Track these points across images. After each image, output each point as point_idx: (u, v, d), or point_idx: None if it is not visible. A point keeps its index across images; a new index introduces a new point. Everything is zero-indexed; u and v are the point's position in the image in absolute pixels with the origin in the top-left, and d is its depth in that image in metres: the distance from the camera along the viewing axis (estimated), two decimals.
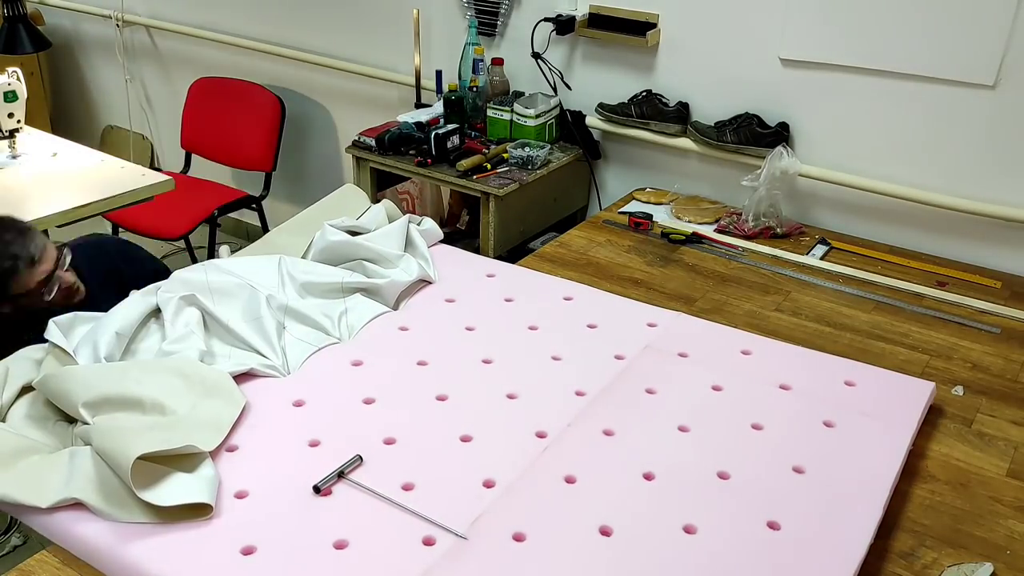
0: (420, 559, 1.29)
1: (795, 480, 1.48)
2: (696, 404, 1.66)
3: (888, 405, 1.67)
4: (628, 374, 1.75)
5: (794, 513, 1.40)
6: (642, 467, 1.49)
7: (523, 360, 1.79)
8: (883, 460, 1.53)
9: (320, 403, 1.64)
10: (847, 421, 1.63)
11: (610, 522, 1.37)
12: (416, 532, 1.34)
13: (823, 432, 1.60)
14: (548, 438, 1.56)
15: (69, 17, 4.33)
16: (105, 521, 1.34)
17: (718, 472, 1.49)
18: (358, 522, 1.36)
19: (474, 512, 1.38)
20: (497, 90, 2.91)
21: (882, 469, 1.51)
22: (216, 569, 1.27)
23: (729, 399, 1.69)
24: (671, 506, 1.42)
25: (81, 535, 1.34)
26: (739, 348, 1.85)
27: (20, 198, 2.59)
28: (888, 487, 1.47)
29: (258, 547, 1.31)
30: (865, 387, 1.73)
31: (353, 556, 1.30)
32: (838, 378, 1.75)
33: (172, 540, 1.32)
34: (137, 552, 1.30)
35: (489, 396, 1.67)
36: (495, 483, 1.45)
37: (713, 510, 1.41)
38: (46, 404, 1.57)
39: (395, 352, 1.81)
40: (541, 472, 1.48)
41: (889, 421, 1.63)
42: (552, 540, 1.34)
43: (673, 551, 1.33)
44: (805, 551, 1.33)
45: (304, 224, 2.15)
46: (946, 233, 2.42)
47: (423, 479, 1.45)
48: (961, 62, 2.24)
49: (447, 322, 1.92)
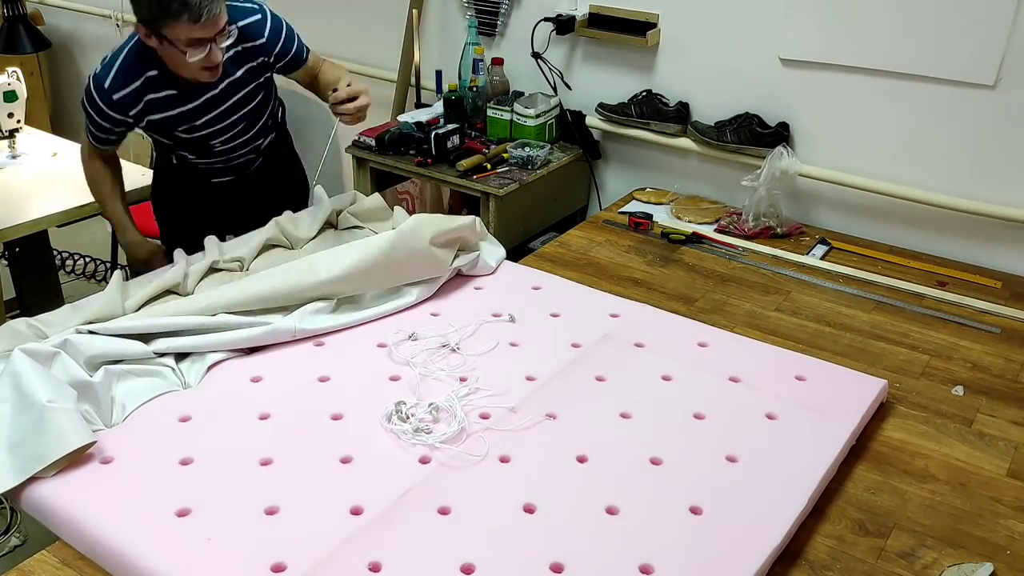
0: (346, 527, 1.35)
1: (726, 468, 1.52)
2: (643, 392, 1.70)
3: (835, 400, 1.69)
4: (581, 361, 1.79)
5: (719, 500, 1.44)
6: (578, 450, 1.54)
7: (480, 346, 1.84)
8: (818, 453, 1.55)
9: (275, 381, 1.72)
10: (790, 414, 1.65)
11: (535, 500, 1.42)
12: (345, 502, 1.40)
13: (764, 424, 1.63)
14: (490, 419, 1.60)
15: (69, 17, 4.33)
16: None
17: (651, 458, 1.53)
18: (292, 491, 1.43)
19: (404, 485, 1.43)
20: (497, 90, 2.91)
21: (815, 462, 1.53)
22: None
23: (676, 389, 1.72)
24: (598, 487, 1.46)
25: None
26: (696, 340, 1.88)
27: (20, 198, 2.58)
28: (817, 480, 1.49)
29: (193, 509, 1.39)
30: (815, 382, 1.75)
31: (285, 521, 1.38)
32: (790, 372, 1.78)
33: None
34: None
35: (440, 379, 1.72)
36: (430, 459, 1.50)
37: (639, 493, 1.45)
38: None
39: (356, 338, 1.86)
40: (477, 450, 1.53)
41: (832, 415, 1.64)
42: (476, 515, 1.39)
43: (592, 529, 1.38)
44: (723, 537, 1.37)
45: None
46: (946, 233, 2.42)
47: (359, 455, 1.52)
48: (961, 62, 2.24)
49: (412, 307, 1.99)
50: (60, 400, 1.47)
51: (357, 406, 1.63)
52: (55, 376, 1.56)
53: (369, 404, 1.63)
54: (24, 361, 1.54)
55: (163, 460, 1.49)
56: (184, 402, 1.64)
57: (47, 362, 1.59)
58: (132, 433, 1.56)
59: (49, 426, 1.44)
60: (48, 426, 1.44)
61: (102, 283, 3.59)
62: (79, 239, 3.75)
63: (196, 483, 1.45)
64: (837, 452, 1.56)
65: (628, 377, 1.75)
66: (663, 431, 1.60)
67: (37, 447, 1.43)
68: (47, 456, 1.42)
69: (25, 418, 1.47)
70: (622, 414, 1.64)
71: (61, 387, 1.52)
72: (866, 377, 1.78)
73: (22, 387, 1.50)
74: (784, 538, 1.38)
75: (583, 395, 1.69)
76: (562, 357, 1.81)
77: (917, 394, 1.81)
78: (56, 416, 1.45)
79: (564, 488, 1.46)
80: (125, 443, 1.52)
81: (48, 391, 1.48)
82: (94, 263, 3.72)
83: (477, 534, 1.36)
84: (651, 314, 1.99)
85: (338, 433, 1.57)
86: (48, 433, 1.43)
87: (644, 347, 1.85)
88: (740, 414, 1.65)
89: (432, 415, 1.60)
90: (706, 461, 1.53)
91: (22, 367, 1.53)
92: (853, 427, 1.62)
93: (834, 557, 1.39)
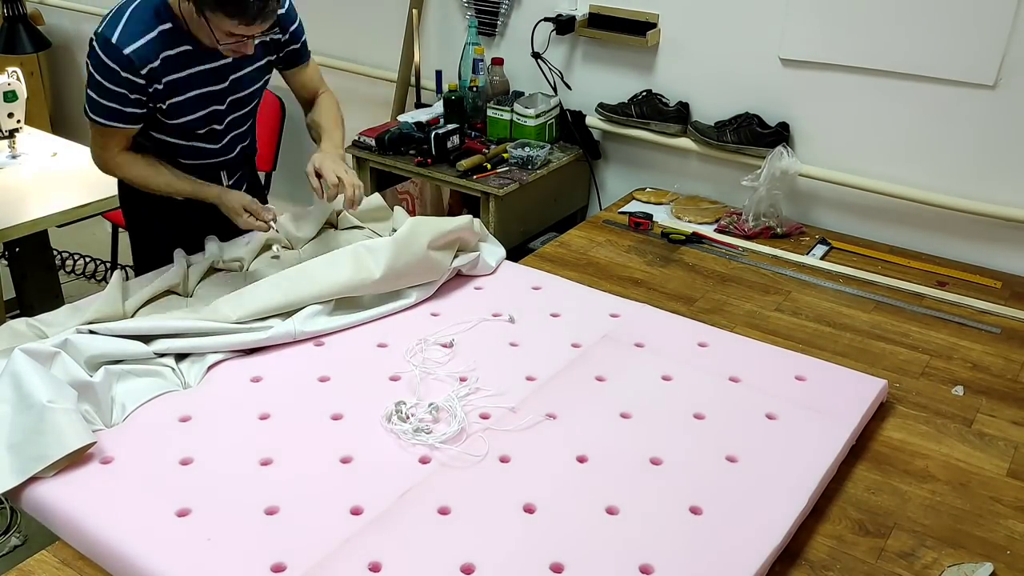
0: (346, 527, 1.35)
1: (726, 468, 1.52)
2: (643, 392, 1.70)
3: (835, 400, 1.69)
4: (581, 361, 1.79)
5: (719, 500, 1.44)
6: (577, 450, 1.54)
7: (480, 345, 1.84)
8: (818, 453, 1.55)
9: (276, 380, 1.72)
10: (790, 414, 1.65)
11: (535, 500, 1.42)
12: (345, 502, 1.41)
13: (764, 424, 1.63)
14: (491, 419, 1.60)
15: (69, 17, 4.33)
16: None
17: (651, 458, 1.53)
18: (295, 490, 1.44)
19: (404, 485, 1.44)
20: (497, 90, 2.91)
21: (815, 462, 1.53)
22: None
23: (676, 389, 1.72)
24: (598, 487, 1.46)
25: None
26: (696, 340, 1.88)
27: (20, 198, 2.58)
28: (817, 480, 1.49)
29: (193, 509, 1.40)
30: (815, 382, 1.75)
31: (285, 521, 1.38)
32: (790, 372, 1.78)
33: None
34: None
35: (440, 379, 1.72)
36: (430, 459, 1.50)
37: (638, 493, 1.45)
38: None
39: (356, 338, 1.87)
40: (477, 450, 1.53)
41: (833, 416, 1.65)
42: (476, 515, 1.39)
43: (592, 529, 1.38)
44: (723, 536, 1.37)
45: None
46: (946, 233, 2.42)
47: (359, 455, 1.52)
48: (961, 62, 2.24)
49: (412, 307, 1.99)
50: (60, 400, 1.47)
51: (357, 406, 1.63)
52: (55, 376, 1.56)
53: (369, 404, 1.63)
54: (24, 361, 1.54)
55: (163, 460, 1.49)
56: (184, 402, 1.64)
57: (47, 362, 1.59)
58: (132, 433, 1.55)
59: (49, 426, 1.44)
60: (48, 426, 1.44)
61: (102, 283, 3.60)
62: (79, 239, 3.76)
63: (196, 483, 1.44)
64: (837, 452, 1.56)
65: (628, 377, 1.75)
66: (663, 431, 1.60)
67: (37, 447, 1.43)
68: (47, 456, 1.42)
69: (25, 418, 1.47)
70: (622, 414, 1.64)
71: (61, 387, 1.52)
72: (866, 377, 1.78)
73: (22, 387, 1.50)
74: (784, 538, 1.38)
75: (583, 395, 1.69)
76: (562, 357, 1.81)
77: (917, 394, 1.81)
78: (56, 416, 1.45)
79: (564, 488, 1.46)
80: (125, 443, 1.52)
81: (48, 391, 1.48)
82: (94, 263, 3.72)
83: (477, 534, 1.36)
84: (651, 314, 1.99)
85: (338, 433, 1.57)
86: (48, 433, 1.43)
87: (644, 347, 1.85)
88: (740, 414, 1.65)
89: (432, 415, 1.60)
90: (706, 461, 1.53)
91: (22, 367, 1.53)
92: (853, 427, 1.62)
93: (834, 557, 1.39)
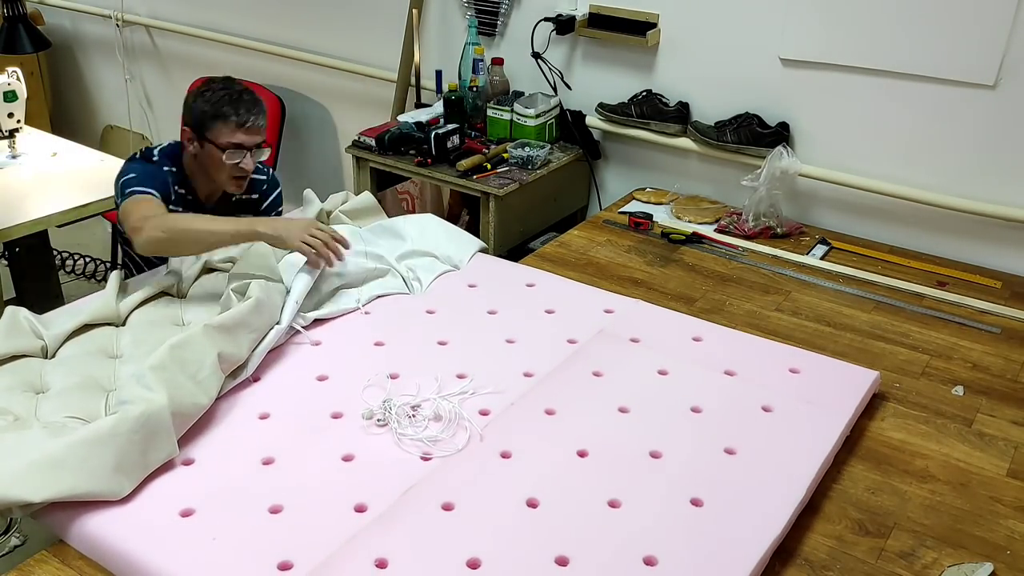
0: (350, 524, 1.35)
1: (725, 461, 1.53)
2: (640, 387, 1.71)
3: (829, 392, 1.70)
4: (578, 357, 1.80)
5: (718, 492, 1.45)
6: (577, 445, 1.55)
7: (477, 342, 1.85)
8: (814, 444, 1.56)
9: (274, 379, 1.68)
10: (785, 407, 1.66)
11: (538, 494, 1.43)
12: (348, 500, 1.41)
13: (760, 416, 1.64)
14: (490, 416, 1.61)
15: (69, 17, 4.33)
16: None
17: (650, 451, 1.54)
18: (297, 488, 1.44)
19: (406, 483, 1.44)
20: (497, 90, 2.91)
21: (812, 453, 1.54)
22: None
23: (673, 383, 1.74)
24: (599, 481, 1.47)
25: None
26: (691, 335, 1.89)
27: (20, 198, 2.58)
28: (815, 470, 1.50)
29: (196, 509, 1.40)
30: (809, 374, 1.76)
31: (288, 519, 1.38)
32: (784, 365, 1.79)
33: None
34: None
35: (438, 376, 1.72)
36: (431, 456, 1.51)
37: (639, 486, 1.46)
38: None
39: (355, 337, 1.88)
40: (478, 446, 1.54)
41: (827, 407, 1.66)
42: (479, 510, 1.40)
43: (595, 523, 1.39)
44: (724, 527, 1.38)
45: None
46: (946, 233, 2.42)
47: (360, 453, 1.52)
48: (961, 62, 2.24)
49: (407, 304, 2.01)
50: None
51: (357, 405, 1.64)
52: None
53: (368, 402, 1.63)
54: None
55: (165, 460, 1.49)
56: None
57: None
58: None
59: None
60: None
61: (102, 283, 3.59)
62: (79, 239, 3.76)
63: (198, 483, 1.45)
64: (833, 443, 1.57)
65: (624, 372, 1.76)
66: (661, 425, 1.61)
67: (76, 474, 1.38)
68: (79, 487, 1.37)
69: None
70: (620, 408, 1.65)
71: None
72: (858, 369, 1.79)
73: None
74: (784, 527, 1.38)
75: (581, 390, 1.70)
76: (558, 353, 1.81)
77: (917, 394, 1.81)
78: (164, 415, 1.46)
79: (565, 482, 1.47)
80: None
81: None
82: (94, 263, 3.72)
83: (481, 529, 1.36)
84: (645, 309, 2.00)
85: (338, 432, 1.58)
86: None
87: (639, 342, 1.86)
88: (736, 407, 1.67)
89: (432, 412, 1.60)
90: (705, 454, 1.54)
91: None
92: (847, 418, 1.64)
93: (834, 557, 1.39)
